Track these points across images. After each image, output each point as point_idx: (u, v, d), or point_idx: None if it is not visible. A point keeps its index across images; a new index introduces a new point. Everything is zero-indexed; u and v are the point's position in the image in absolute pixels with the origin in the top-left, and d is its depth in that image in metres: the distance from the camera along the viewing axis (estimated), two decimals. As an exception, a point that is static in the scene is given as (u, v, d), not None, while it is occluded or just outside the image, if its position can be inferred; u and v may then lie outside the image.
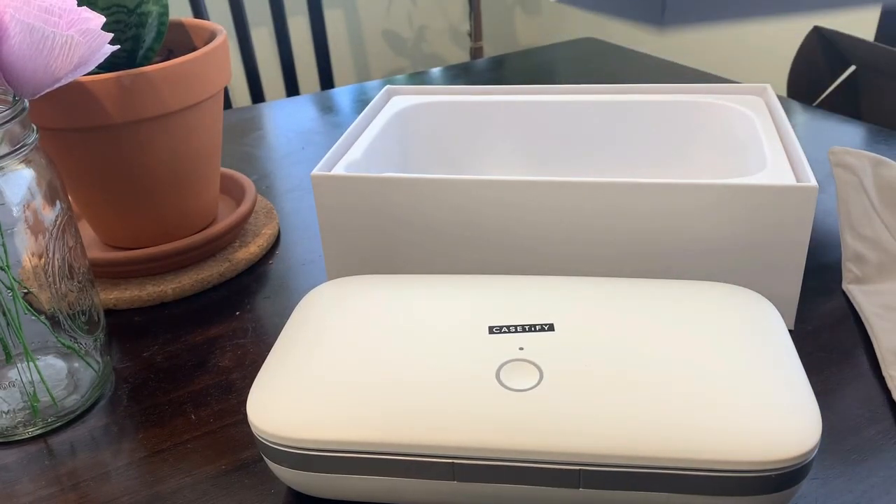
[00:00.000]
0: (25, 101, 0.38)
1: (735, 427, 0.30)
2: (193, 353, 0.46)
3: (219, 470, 0.37)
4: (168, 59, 0.48)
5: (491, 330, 0.35)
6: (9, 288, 0.38)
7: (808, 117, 0.76)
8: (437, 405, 0.32)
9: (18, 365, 0.41)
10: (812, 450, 0.30)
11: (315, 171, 0.45)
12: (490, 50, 1.80)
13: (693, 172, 0.53)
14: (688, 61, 1.36)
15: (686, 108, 0.54)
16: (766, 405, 0.31)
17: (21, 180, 0.38)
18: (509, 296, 0.38)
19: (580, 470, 0.30)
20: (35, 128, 0.39)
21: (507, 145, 0.57)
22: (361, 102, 0.87)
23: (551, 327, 0.35)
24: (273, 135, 0.80)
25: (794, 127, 0.69)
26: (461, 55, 1.85)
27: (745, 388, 0.32)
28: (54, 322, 0.41)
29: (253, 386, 0.35)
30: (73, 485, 0.37)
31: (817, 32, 1.01)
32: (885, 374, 0.40)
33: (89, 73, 0.42)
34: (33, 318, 0.40)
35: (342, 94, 0.93)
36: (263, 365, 0.36)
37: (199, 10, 1.11)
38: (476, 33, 1.70)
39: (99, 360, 0.43)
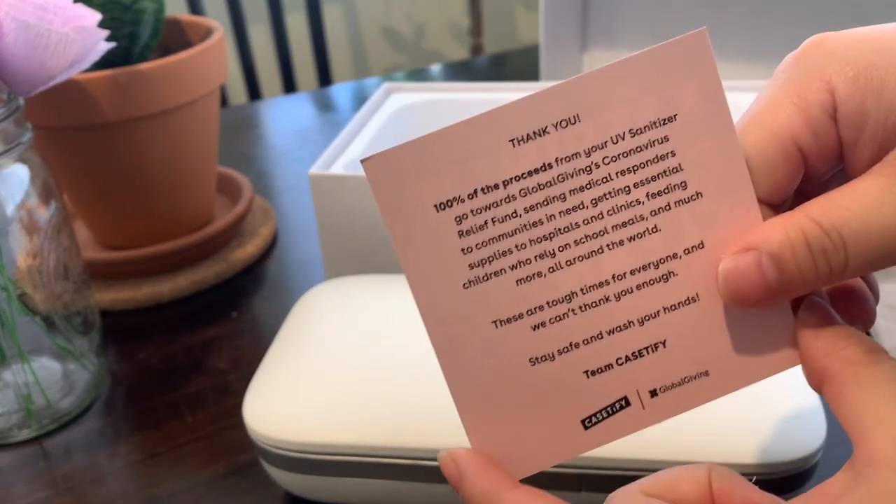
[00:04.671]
0: (20, 99, 0.38)
1: (739, 430, 0.30)
2: (190, 354, 0.46)
3: (215, 473, 0.37)
4: (164, 56, 0.47)
5: (491, 331, 0.35)
6: (3, 288, 0.38)
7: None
8: (435, 408, 0.31)
9: (13, 366, 0.40)
10: (816, 452, 0.29)
11: (313, 170, 0.44)
12: (491, 47, 1.79)
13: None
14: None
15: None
16: (771, 408, 0.31)
17: (15, 179, 0.38)
18: (509, 297, 0.37)
19: (581, 474, 0.30)
20: (30, 126, 0.38)
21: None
22: (360, 100, 0.87)
23: (552, 329, 0.35)
24: (270, 133, 0.80)
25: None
26: (461, 52, 1.84)
27: (749, 391, 0.31)
28: (49, 323, 0.40)
29: (249, 388, 0.34)
30: (69, 488, 0.37)
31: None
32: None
33: (85, 71, 0.42)
34: (28, 318, 0.40)
35: (340, 91, 0.93)
36: (259, 367, 0.35)
37: (195, 6, 1.10)
38: (476, 30, 1.70)
39: (94, 361, 0.43)
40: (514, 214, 0.20)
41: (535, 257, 0.20)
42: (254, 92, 1.19)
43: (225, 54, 0.52)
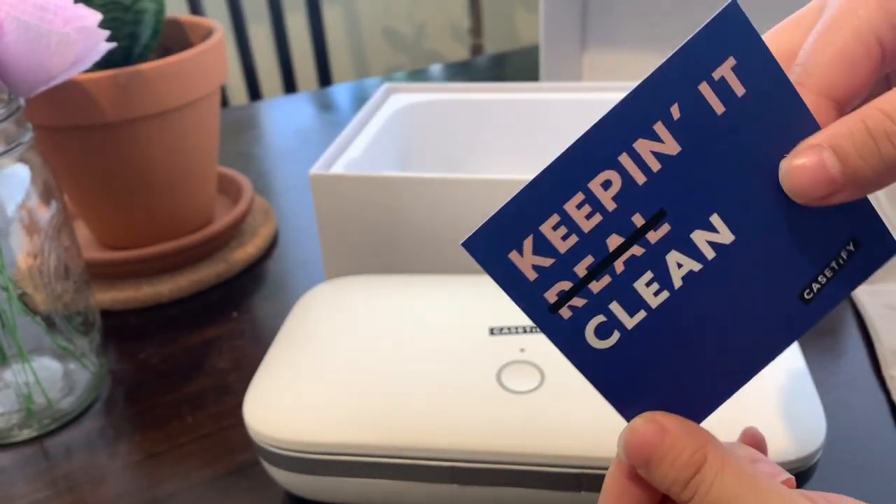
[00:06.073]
0: (21, 99, 0.38)
1: (739, 430, 0.30)
2: (190, 354, 0.46)
3: (216, 473, 0.37)
4: (164, 56, 0.47)
5: (492, 331, 0.35)
6: (3, 288, 0.38)
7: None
8: (436, 407, 0.32)
9: (14, 366, 0.40)
10: (816, 452, 0.29)
11: (313, 171, 0.44)
12: (491, 47, 1.79)
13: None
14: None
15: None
16: (771, 407, 0.31)
17: (16, 179, 0.38)
18: (509, 297, 0.37)
19: (581, 473, 0.30)
20: (30, 126, 0.38)
21: (507, 144, 0.56)
22: (360, 100, 0.87)
23: (552, 329, 0.35)
24: (270, 133, 0.80)
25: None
26: (461, 52, 1.84)
27: (750, 391, 0.31)
28: (50, 323, 0.40)
29: (249, 388, 0.34)
30: (69, 487, 0.37)
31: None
32: (885, 374, 0.40)
33: (85, 71, 0.42)
34: (29, 318, 0.40)
35: (341, 91, 0.93)
36: (260, 367, 0.35)
37: (195, 6, 1.10)
38: (476, 30, 1.70)
39: (94, 361, 0.43)
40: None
41: None
42: (254, 92, 1.19)
43: (225, 54, 0.52)
